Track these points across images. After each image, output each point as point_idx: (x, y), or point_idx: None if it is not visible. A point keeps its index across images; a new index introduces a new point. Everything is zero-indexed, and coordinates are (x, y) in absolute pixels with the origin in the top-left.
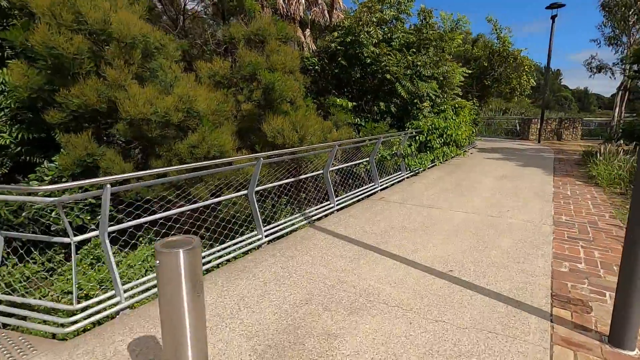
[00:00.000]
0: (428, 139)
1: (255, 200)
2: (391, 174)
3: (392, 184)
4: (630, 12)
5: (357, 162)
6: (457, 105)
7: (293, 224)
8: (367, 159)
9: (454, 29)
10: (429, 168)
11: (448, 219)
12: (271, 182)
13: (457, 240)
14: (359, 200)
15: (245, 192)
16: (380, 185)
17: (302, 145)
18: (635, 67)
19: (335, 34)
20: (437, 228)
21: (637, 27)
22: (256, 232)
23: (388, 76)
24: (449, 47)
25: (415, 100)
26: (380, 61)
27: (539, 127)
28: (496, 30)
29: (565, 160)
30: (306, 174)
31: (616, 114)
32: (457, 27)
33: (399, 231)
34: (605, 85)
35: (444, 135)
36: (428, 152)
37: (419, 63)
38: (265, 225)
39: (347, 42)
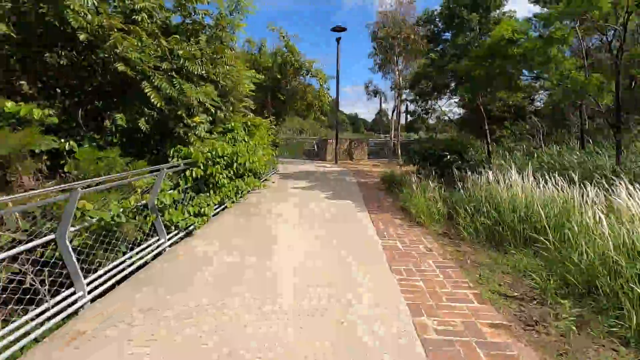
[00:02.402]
0: (209, 172)
1: None
2: (133, 248)
3: (130, 272)
4: (396, 44)
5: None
6: (250, 123)
7: None
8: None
9: (232, 13)
10: (213, 216)
11: None
12: None
13: None
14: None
15: None
16: (89, 290)
17: None
18: (402, 92)
19: None
20: None
21: (401, 58)
22: None
23: (124, 68)
24: (229, 37)
25: (180, 112)
26: (105, 40)
27: (335, 147)
28: (283, 37)
29: (368, 186)
30: None
31: (392, 135)
32: (236, 10)
33: None
34: (368, 112)
35: (235, 165)
36: (211, 192)
37: (183, 54)
38: None
39: None
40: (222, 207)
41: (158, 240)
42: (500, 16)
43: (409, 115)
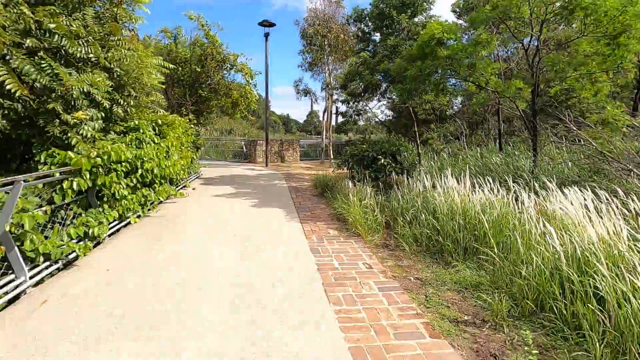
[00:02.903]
0: (101, 182)
1: None
2: None
3: None
4: (326, 43)
5: None
6: (161, 122)
7: None
8: None
9: None
10: (110, 236)
11: None
12: None
13: None
14: None
15: None
16: None
17: None
18: (334, 93)
19: None
20: None
21: (332, 57)
22: None
23: None
24: (128, 15)
25: (53, 106)
26: None
27: (265, 149)
28: (203, 27)
29: (301, 191)
30: None
31: (324, 137)
32: None
33: None
34: (300, 113)
35: (140, 172)
36: (105, 206)
37: (57, 28)
38: None
39: None
40: (124, 223)
41: (14, 279)
42: (427, 20)
43: (340, 117)
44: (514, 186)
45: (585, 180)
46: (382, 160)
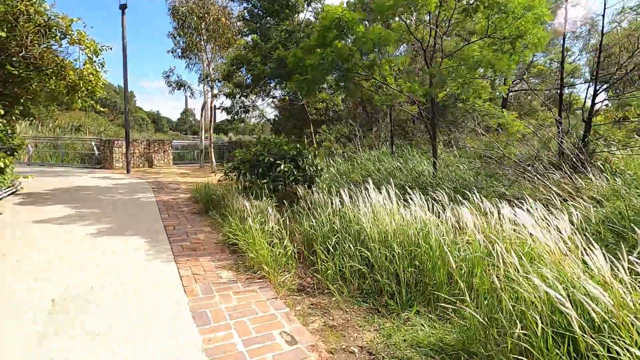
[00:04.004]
0: None
1: None
2: None
3: None
4: (203, 26)
5: None
6: None
7: None
8: None
9: None
10: None
11: None
12: None
13: None
14: None
15: None
16: None
17: None
18: (207, 85)
19: None
20: None
21: (210, 45)
22: None
23: None
24: None
25: None
26: None
27: (126, 151)
28: None
29: (175, 207)
30: None
31: (203, 137)
32: None
33: None
34: (173, 110)
35: None
36: None
37: None
38: None
39: None
40: None
41: None
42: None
43: (225, 113)
44: (450, 203)
45: (485, 186)
46: (282, 166)
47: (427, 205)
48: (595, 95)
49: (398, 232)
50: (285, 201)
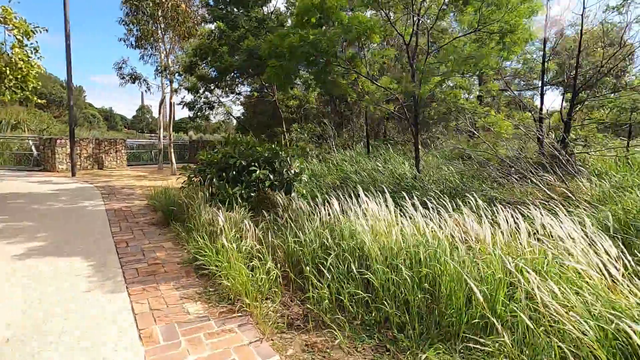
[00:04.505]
0: None
1: None
2: None
3: None
4: (160, 14)
5: None
6: None
7: None
8: None
9: None
10: None
11: None
12: None
13: None
14: None
15: None
16: None
17: None
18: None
19: None
20: None
21: (169, 35)
22: None
23: None
24: None
25: None
26: None
27: (70, 151)
28: None
29: (129, 217)
30: None
31: (161, 135)
32: None
33: None
34: (127, 107)
35: None
36: None
37: None
38: None
39: None
40: None
41: None
42: None
43: (188, 110)
44: (448, 209)
45: (472, 189)
46: (258, 172)
47: (421, 211)
48: (574, 96)
49: (404, 249)
50: (260, 209)
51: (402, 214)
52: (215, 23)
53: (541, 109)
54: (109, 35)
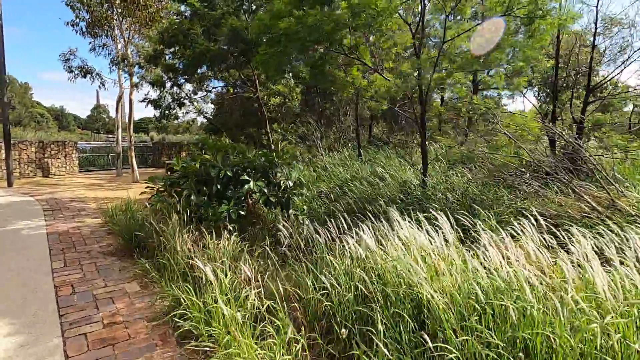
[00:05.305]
0: None
1: None
2: None
3: None
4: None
5: None
6: None
7: None
8: None
9: None
10: None
11: None
12: None
13: None
14: None
15: None
16: None
17: None
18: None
19: None
20: None
21: (127, 21)
22: None
23: None
24: None
25: None
26: None
27: (6, 156)
28: None
29: (78, 245)
30: None
31: (120, 137)
32: None
33: None
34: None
35: None
36: None
37: None
38: None
39: None
40: None
41: None
42: None
43: (153, 107)
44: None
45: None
46: (252, 184)
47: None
48: (587, 96)
49: (481, 300)
50: (248, 230)
51: (461, 241)
52: (185, 2)
53: (554, 108)
54: (62, 32)
